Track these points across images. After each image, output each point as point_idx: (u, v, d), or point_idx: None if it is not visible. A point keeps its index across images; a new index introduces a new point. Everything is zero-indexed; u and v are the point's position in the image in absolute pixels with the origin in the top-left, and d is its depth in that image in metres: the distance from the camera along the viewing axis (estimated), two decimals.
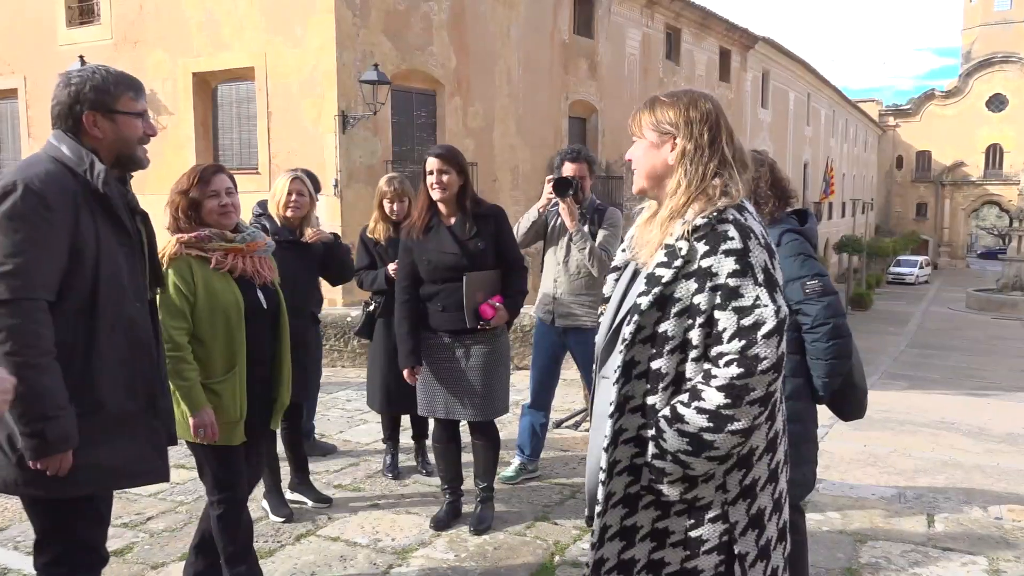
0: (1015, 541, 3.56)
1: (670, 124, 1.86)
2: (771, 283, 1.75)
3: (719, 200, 1.78)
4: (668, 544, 1.85)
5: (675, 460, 1.76)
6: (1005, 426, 13.95)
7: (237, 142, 14.06)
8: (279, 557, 3.37)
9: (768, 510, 1.87)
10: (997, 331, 26.60)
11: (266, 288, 2.91)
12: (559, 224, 4.09)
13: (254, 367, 2.83)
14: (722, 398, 1.70)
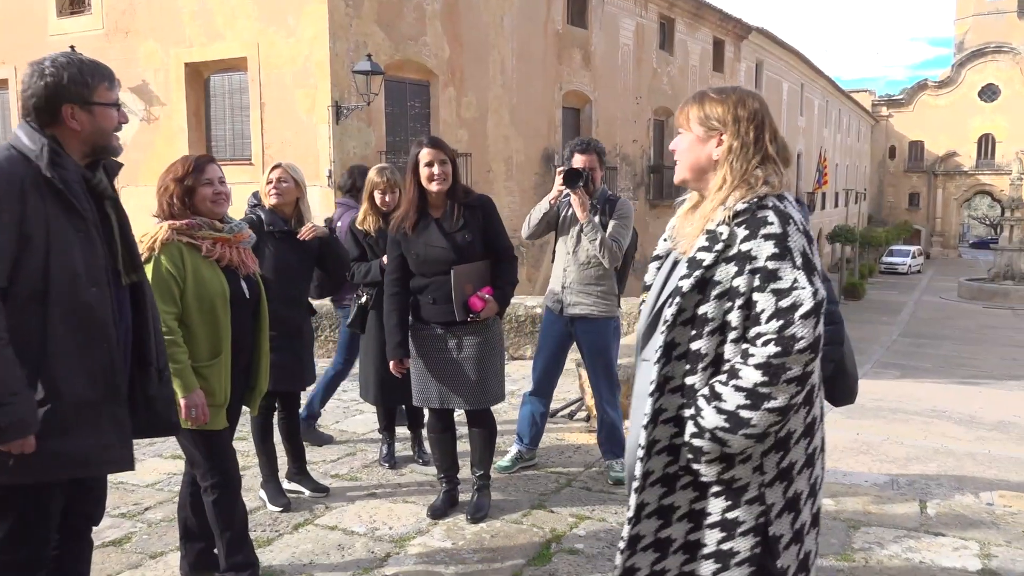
0: (1006, 526, 3.61)
1: (718, 121, 1.92)
2: (809, 266, 1.79)
3: (760, 188, 1.85)
4: (705, 525, 1.90)
5: (713, 438, 1.81)
6: (996, 414, 14.04)
7: (230, 133, 14.02)
8: (277, 546, 3.39)
9: (804, 495, 1.91)
10: (988, 320, 26.77)
11: (249, 278, 2.97)
12: (570, 215, 4.10)
13: (237, 355, 2.91)
14: (759, 376, 1.75)
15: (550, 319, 4.27)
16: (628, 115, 21.76)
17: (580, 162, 4.06)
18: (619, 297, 4.30)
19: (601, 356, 4.19)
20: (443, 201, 3.48)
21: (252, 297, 2.97)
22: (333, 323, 8.36)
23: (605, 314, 4.14)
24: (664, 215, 23.82)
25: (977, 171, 54.76)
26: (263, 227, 3.74)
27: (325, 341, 8.10)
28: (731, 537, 1.88)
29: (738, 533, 1.87)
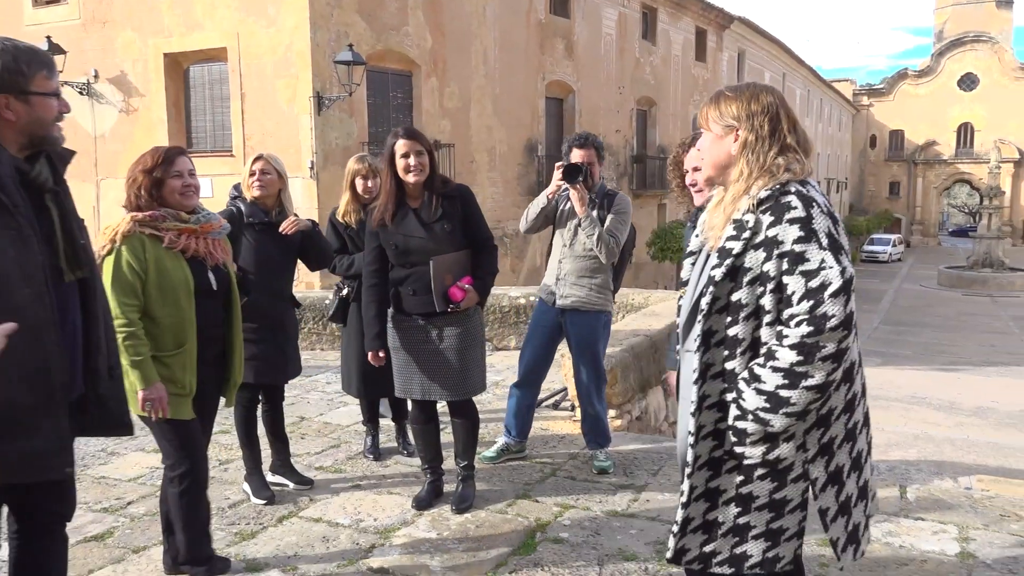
0: (983, 510, 3.66)
1: (733, 118, 1.99)
2: (836, 246, 1.85)
3: (783, 175, 1.92)
4: (753, 508, 1.97)
5: (755, 419, 1.88)
6: (974, 400, 14.26)
7: (210, 124, 13.89)
8: (261, 539, 3.38)
9: (846, 467, 1.99)
10: (967, 307, 27.07)
11: (217, 270, 2.94)
12: (568, 208, 4.10)
13: (207, 347, 2.90)
14: (795, 356, 1.82)
15: (542, 310, 4.27)
16: (611, 105, 21.76)
17: (579, 157, 4.05)
18: (614, 292, 4.31)
19: (589, 349, 4.20)
20: (421, 192, 3.47)
21: (221, 288, 2.96)
22: (317, 315, 8.33)
23: (597, 307, 4.14)
24: (647, 205, 23.91)
25: (956, 160, 55.25)
26: (243, 219, 3.71)
27: (308, 333, 8.07)
28: (780, 516, 1.97)
29: (787, 512, 1.97)
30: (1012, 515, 3.60)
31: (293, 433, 4.85)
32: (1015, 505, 3.71)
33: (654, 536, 3.38)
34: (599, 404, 4.24)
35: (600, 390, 4.27)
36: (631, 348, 5.39)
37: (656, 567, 3.11)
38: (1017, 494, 3.89)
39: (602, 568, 3.10)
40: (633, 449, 4.52)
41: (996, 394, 14.84)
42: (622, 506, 3.71)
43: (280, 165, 3.84)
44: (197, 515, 2.91)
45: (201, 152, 13.36)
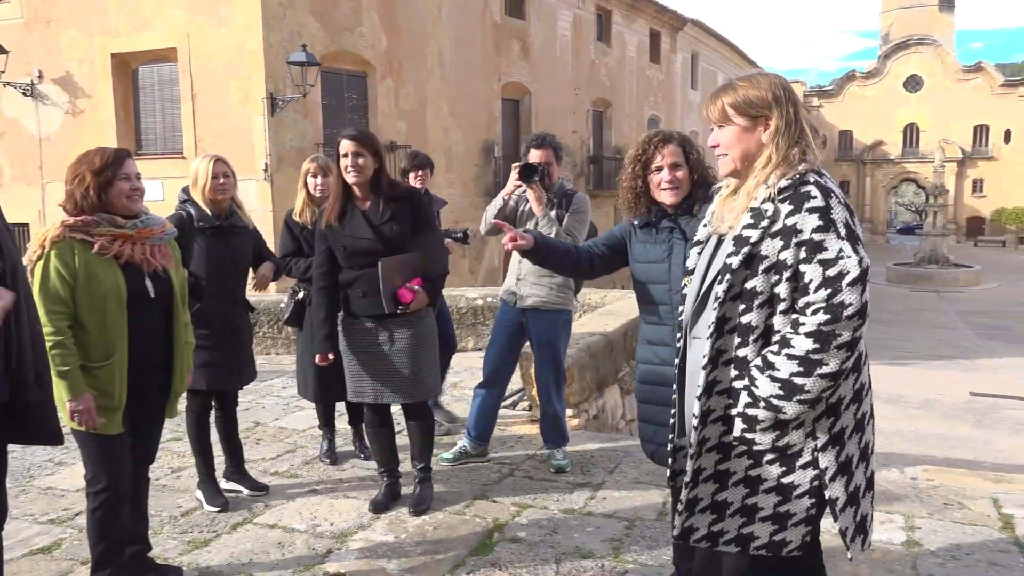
0: (928, 499, 3.76)
1: (762, 105, 1.98)
2: (853, 236, 1.87)
3: (799, 165, 1.94)
4: (761, 491, 2.00)
5: (768, 406, 1.90)
6: (922, 393, 14.66)
7: (160, 125, 13.62)
8: (214, 547, 3.33)
9: (855, 458, 2.00)
10: (915, 303, 27.79)
11: (156, 276, 2.84)
12: (528, 209, 4.10)
13: (146, 355, 2.81)
14: (811, 343, 1.83)
15: (504, 310, 4.27)
16: (567, 106, 21.87)
17: (536, 157, 4.06)
18: (576, 291, 4.33)
19: (549, 347, 4.21)
20: (368, 193, 3.45)
21: (160, 295, 2.85)
22: (272, 319, 8.22)
23: (558, 306, 4.16)
24: (604, 205, 24.06)
25: (903, 159, 56.69)
26: (193, 223, 3.65)
27: (263, 338, 7.96)
28: (787, 500, 1.99)
29: (794, 496, 1.98)
30: (955, 503, 3.71)
31: (248, 439, 4.78)
32: (958, 494, 3.83)
33: (610, 533, 3.41)
34: (559, 403, 4.26)
35: (560, 389, 4.29)
36: (588, 347, 5.43)
37: (612, 563, 3.14)
38: (960, 483, 4.02)
39: (559, 566, 3.12)
40: (590, 448, 4.55)
41: (942, 387, 15.28)
42: (579, 504, 3.74)
43: (232, 167, 3.80)
44: (108, 535, 2.78)
45: (151, 154, 13.10)
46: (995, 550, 3.22)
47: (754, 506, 2.01)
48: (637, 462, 4.28)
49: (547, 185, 4.06)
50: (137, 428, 2.89)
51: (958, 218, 54.35)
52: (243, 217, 3.83)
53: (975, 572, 3.04)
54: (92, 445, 2.74)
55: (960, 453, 9.98)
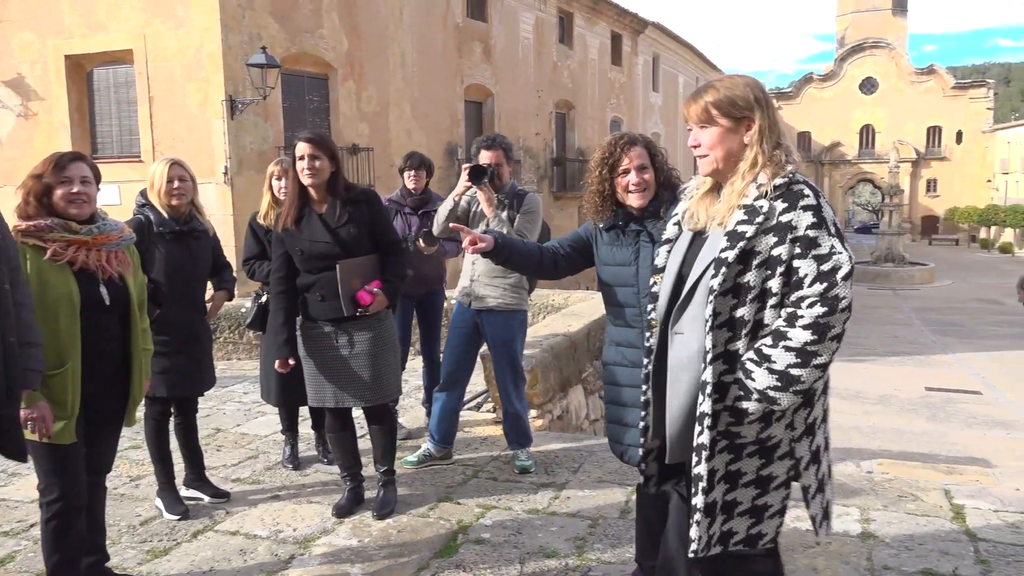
0: (883, 491, 3.86)
1: (746, 107, 2.03)
2: (840, 234, 1.97)
3: (788, 166, 2.01)
4: (740, 484, 2.04)
5: (762, 398, 1.94)
6: (879, 389, 14.98)
7: (116, 129, 13.37)
8: (174, 555, 3.28)
9: (822, 447, 2.10)
10: (871, 300, 28.36)
11: (111, 283, 2.80)
12: (479, 210, 4.10)
13: (101, 363, 2.76)
14: (809, 335, 1.89)
15: (459, 312, 4.28)
16: (530, 108, 21.93)
17: (487, 158, 4.07)
18: (529, 291, 4.34)
19: (506, 348, 4.23)
20: (324, 196, 3.44)
21: (116, 303, 2.80)
22: (233, 324, 8.13)
23: (512, 307, 4.17)
24: (567, 207, 24.19)
25: (859, 160, 57.87)
26: (152, 228, 3.60)
27: (224, 343, 7.87)
28: (765, 493, 2.04)
29: (771, 488, 2.04)
30: (908, 495, 3.80)
31: (208, 445, 4.73)
32: (911, 486, 3.92)
33: (574, 532, 3.44)
34: (519, 403, 4.27)
35: (519, 389, 4.31)
36: (551, 348, 5.46)
37: (576, 562, 3.17)
38: (913, 475, 4.12)
39: (523, 566, 3.14)
40: (554, 448, 4.58)
41: (899, 383, 15.63)
42: (543, 504, 3.76)
43: (191, 170, 3.75)
44: (62, 548, 2.72)
45: (108, 158, 12.85)
46: (947, 540, 3.31)
47: (733, 501, 2.04)
48: (601, 461, 4.32)
49: (498, 186, 4.06)
50: (93, 437, 2.84)
51: (913, 217, 55.59)
52: (203, 221, 3.79)
53: (927, 562, 3.12)
54: (45, 455, 2.68)
55: (916, 447, 10.22)
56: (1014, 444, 11.42)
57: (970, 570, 3.05)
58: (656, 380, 2.18)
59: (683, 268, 2.12)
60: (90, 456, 2.83)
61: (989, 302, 28.46)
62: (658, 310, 2.17)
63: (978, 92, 56.27)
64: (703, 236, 2.11)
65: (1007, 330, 22.56)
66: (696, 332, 2.03)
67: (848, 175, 58.78)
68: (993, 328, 23.09)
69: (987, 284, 33.16)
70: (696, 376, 2.02)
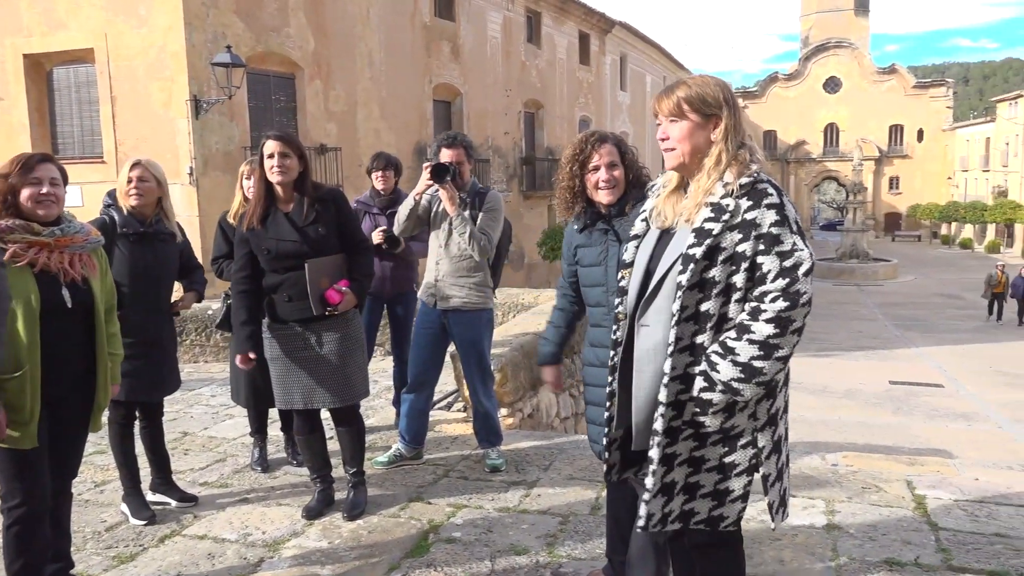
0: (847, 483, 3.93)
1: (715, 105, 2.09)
2: (801, 232, 2.04)
3: (752, 165, 2.06)
4: (703, 469, 2.11)
5: (726, 389, 2.00)
6: (845, 383, 15.22)
7: (78, 129, 13.14)
8: (141, 561, 3.24)
9: (782, 437, 2.18)
10: (837, 296, 28.82)
11: (74, 286, 2.74)
12: (441, 209, 4.08)
13: (63, 367, 2.71)
14: (771, 329, 1.96)
15: (424, 312, 4.26)
16: (499, 108, 21.95)
17: (448, 156, 4.05)
18: (494, 288, 4.34)
19: (474, 347, 4.23)
20: (291, 195, 3.42)
21: (79, 306, 2.75)
22: (200, 327, 8.04)
23: (478, 306, 4.16)
24: (537, 206, 24.23)
25: (824, 158, 58.72)
26: (116, 229, 3.54)
27: (191, 346, 7.78)
28: (727, 478, 2.11)
29: (733, 475, 2.11)
30: (872, 487, 3.88)
31: (176, 449, 4.68)
32: (875, 478, 4.00)
33: (544, 529, 3.46)
34: (488, 401, 4.28)
35: (488, 387, 4.31)
36: (521, 347, 5.48)
37: (547, 559, 3.18)
38: (877, 467, 4.20)
39: (494, 564, 3.14)
40: (525, 446, 4.60)
41: (864, 377, 15.91)
42: (514, 502, 3.77)
43: (159, 172, 3.67)
44: (24, 554, 2.67)
45: (69, 159, 12.61)
46: (909, 529, 3.38)
47: (696, 484, 2.11)
48: (571, 459, 4.34)
49: (459, 184, 4.04)
50: (57, 442, 2.80)
51: (877, 214, 56.55)
52: (169, 224, 3.72)
53: (890, 551, 3.18)
54: (6, 459, 2.63)
55: (880, 439, 10.41)
56: (974, 435, 11.69)
57: (931, 558, 3.11)
58: (622, 371, 2.23)
59: (651, 263, 2.17)
60: (55, 461, 2.79)
61: (950, 297, 29.07)
62: (626, 304, 2.22)
63: (938, 91, 57.41)
64: (670, 232, 2.16)
65: (968, 324, 23.07)
66: (661, 325, 2.08)
67: (813, 173, 59.61)
68: (954, 322, 23.60)
69: (948, 279, 33.87)
70: (660, 367, 2.08)
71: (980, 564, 3.06)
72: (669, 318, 2.05)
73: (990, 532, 3.35)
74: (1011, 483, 3.90)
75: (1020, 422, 12.57)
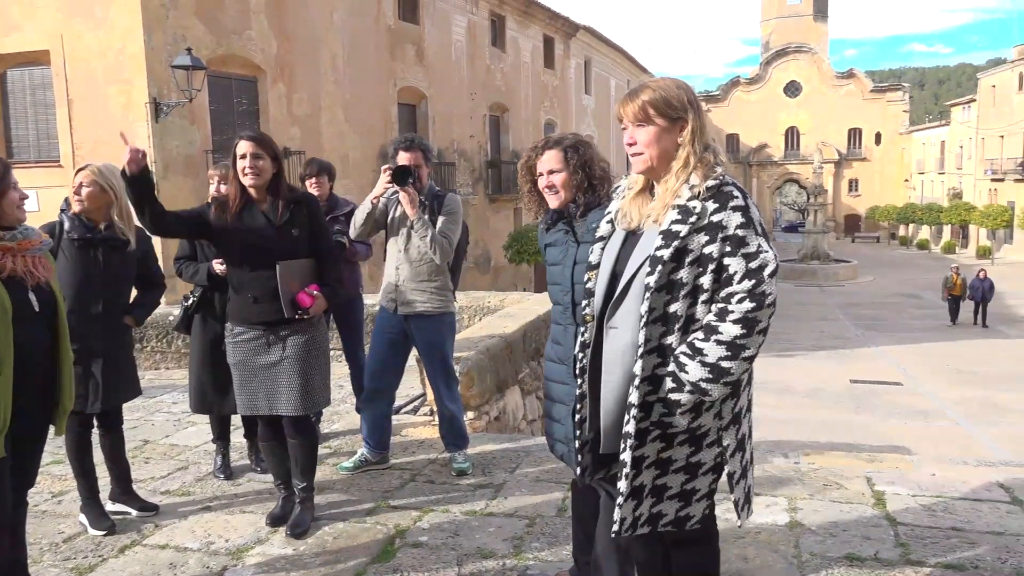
0: (809, 481, 3.99)
1: (681, 108, 2.11)
2: (766, 234, 2.06)
3: (717, 168, 2.09)
4: (671, 471, 2.13)
5: (695, 389, 2.01)
6: (808, 383, 15.46)
7: (33, 132, 12.86)
8: (100, 572, 3.18)
9: (746, 435, 2.21)
10: (800, 297, 29.27)
11: (40, 290, 2.70)
12: (400, 213, 4.05)
13: (29, 373, 2.64)
14: (738, 329, 1.98)
15: (384, 317, 4.22)
16: (464, 111, 21.94)
17: (405, 159, 4.00)
18: (454, 291, 4.33)
19: (438, 351, 4.21)
20: (265, 196, 3.37)
21: (45, 310, 2.71)
22: (160, 332, 7.91)
23: (440, 310, 4.14)
24: (503, 209, 24.26)
25: (785, 161, 59.69)
26: (62, 234, 3.46)
27: (152, 352, 7.65)
28: (694, 478, 2.14)
29: (700, 474, 2.14)
30: (833, 484, 3.94)
31: (137, 457, 4.60)
32: (835, 475, 4.07)
33: (511, 532, 3.46)
34: (452, 404, 4.26)
35: (453, 390, 4.30)
36: (487, 350, 5.47)
37: (513, 561, 3.18)
38: (837, 464, 4.27)
39: (461, 568, 3.14)
40: (491, 449, 4.59)
41: (826, 376, 16.18)
42: (481, 506, 3.77)
43: (106, 178, 3.52)
44: None
45: (24, 163, 12.34)
46: (868, 525, 3.45)
47: (664, 486, 2.13)
48: (538, 461, 4.35)
49: (418, 188, 4.00)
50: (17, 451, 2.73)
51: (837, 216, 57.60)
52: (121, 232, 3.59)
53: (851, 547, 3.24)
54: None
55: (842, 437, 10.60)
56: (932, 432, 11.95)
57: (890, 553, 3.18)
58: (592, 373, 2.24)
59: (617, 265, 2.18)
60: (14, 471, 2.72)
61: (909, 296, 29.70)
62: (593, 306, 2.23)
63: (895, 95, 58.69)
64: (636, 234, 2.18)
65: (926, 323, 23.59)
66: (629, 326, 2.10)
67: (775, 176, 60.54)
68: (913, 321, 24.11)
69: (907, 279, 34.60)
70: (629, 369, 2.09)
71: (937, 558, 3.13)
72: (637, 320, 2.06)
73: (946, 526, 3.42)
74: (966, 478, 3.99)
75: (975, 418, 12.88)
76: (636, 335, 2.07)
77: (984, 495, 3.76)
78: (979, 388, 15.15)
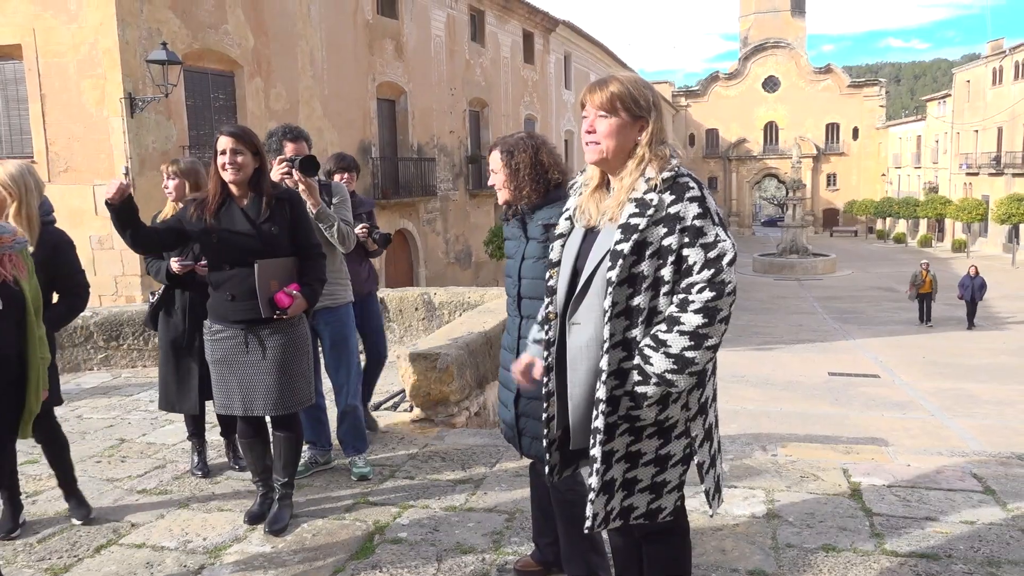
0: (787, 473, 4.02)
1: (645, 108, 2.12)
2: (723, 223, 2.09)
3: (672, 160, 2.10)
4: (640, 464, 2.13)
5: (660, 381, 2.02)
6: (786, 375, 15.58)
7: (5, 128, 12.66)
8: (75, 572, 3.14)
9: (713, 424, 2.22)
10: (778, 291, 29.49)
11: (6, 287, 2.66)
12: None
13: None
14: (700, 319, 1.99)
15: None
16: (444, 106, 21.87)
17: (291, 150, 3.91)
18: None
19: (345, 344, 4.12)
20: (246, 192, 3.32)
21: (12, 307, 2.67)
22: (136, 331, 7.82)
23: (342, 300, 4.10)
24: (483, 204, 24.23)
25: (764, 156, 60.07)
26: None
27: (128, 350, 7.56)
28: (664, 470, 2.15)
29: (669, 466, 2.15)
30: (810, 476, 3.98)
31: (113, 456, 4.55)
32: (812, 467, 4.11)
33: (491, 527, 3.46)
34: (357, 401, 4.18)
35: (359, 386, 4.23)
36: (467, 346, 5.46)
37: (493, 556, 3.19)
38: (814, 456, 4.31)
39: (440, 563, 3.14)
40: (471, 444, 4.59)
41: (804, 369, 16.31)
42: (460, 501, 3.76)
43: (17, 181, 3.26)
44: None
45: None
46: (845, 516, 3.48)
47: (634, 479, 2.13)
48: (517, 456, 4.34)
49: None
50: None
51: (815, 210, 58.09)
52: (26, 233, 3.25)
53: (827, 538, 3.27)
54: None
55: (820, 429, 10.70)
56: (908, 423, 12.09)
57: (866, 544, 3.21)
58: (558, 370, 2.24)
59: (578, 261, 2.19)
60: None
61: (886, 290, 30.02)
62: (556, 303, 2.24)
63: (872, 90, 59.23)
64: (595, 230, 2.18)
65: (902, 315, 23.84)
66: (592, 321, 2.11)
67: (754, 170, 60.90)
68: (890, 314, 24.36)
69: (884, 273, 34.98)
70: (594, 364, 2.10)
71: (911, 547, 3.17)
72: (600, 315, 2.07)
73: (921, 516, 3.47)
74: (941, 468, 4.05)
75: (951, 410, 13.05)
76: (599, 330, 2.08)
77: (958, 485, 3.81)
78: (954, 380, 15.35)
